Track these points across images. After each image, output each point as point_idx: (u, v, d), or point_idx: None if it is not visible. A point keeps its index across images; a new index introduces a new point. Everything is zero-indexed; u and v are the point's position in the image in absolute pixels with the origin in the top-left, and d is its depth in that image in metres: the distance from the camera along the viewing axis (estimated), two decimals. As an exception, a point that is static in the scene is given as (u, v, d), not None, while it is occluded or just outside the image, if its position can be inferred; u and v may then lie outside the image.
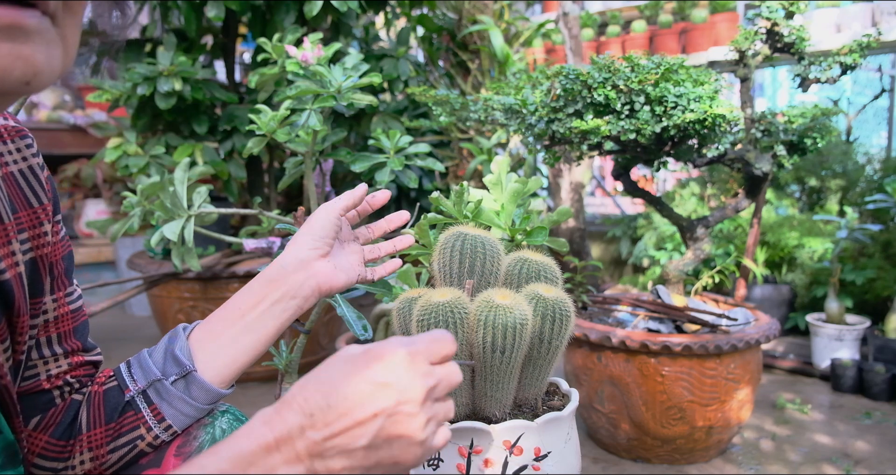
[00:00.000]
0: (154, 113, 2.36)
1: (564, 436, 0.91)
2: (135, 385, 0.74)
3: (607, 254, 3.72)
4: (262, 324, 0.77)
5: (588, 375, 1.78)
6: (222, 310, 0.78)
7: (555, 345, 0.92)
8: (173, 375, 0.74)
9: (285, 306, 0.78)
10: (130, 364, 0.77)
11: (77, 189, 3.94)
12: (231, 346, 0.76)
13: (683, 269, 1.88)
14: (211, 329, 0.77)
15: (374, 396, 0.54)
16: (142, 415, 0.74)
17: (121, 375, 0.76)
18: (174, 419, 0.74)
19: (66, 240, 0.76)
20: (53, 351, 0.73)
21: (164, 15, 2.51)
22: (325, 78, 1.79)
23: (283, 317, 0.78)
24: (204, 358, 0.75)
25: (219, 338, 0.76)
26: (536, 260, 1.00)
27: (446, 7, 3.21)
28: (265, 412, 0.55)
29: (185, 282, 2.35)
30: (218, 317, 0.78)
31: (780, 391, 2.33)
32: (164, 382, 0.74)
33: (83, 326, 0.78)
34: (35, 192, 0.70)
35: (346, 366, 0.56)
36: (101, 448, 0.73)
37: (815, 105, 1.81)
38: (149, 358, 0.76)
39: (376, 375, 0.55)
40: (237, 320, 0.77)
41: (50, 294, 0.72)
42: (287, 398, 0.55)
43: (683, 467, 1.77)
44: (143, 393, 0.74)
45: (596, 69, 1.58)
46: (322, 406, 0.54)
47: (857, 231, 2.45)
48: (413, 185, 1.95)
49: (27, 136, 0.71)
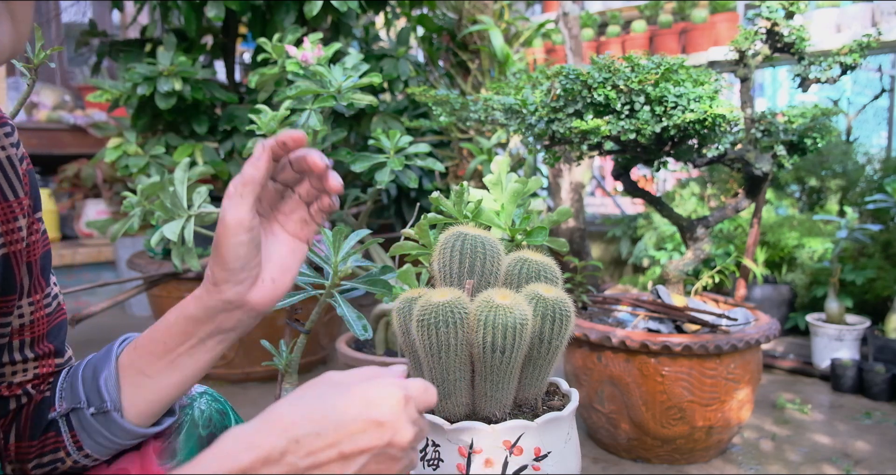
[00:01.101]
0: (154, 113, 2.36)
1: (564, 436, 0.91)
2: (60, 405, 0.70)
3: (607, 254, 3.72)
4: (194, 360, 0.69)
5: (588, 375, 1.78)
6: (149, 340, 0.70)
7: (555, 345, 0.92)
8: (94, 408, 0.69)
9: (220, 339, 0.69)
10: (69, 373, 0.73)
11: (77, 189, 3.94)
12: (158, 383, 0.69)
13: (683, 269, 1.88)
14: (138, 358, 0.70)
15: (366, 433, 0.52)
16: (62, 439, 0.70)
17: (55, 387, 0.72)
18: (93, 449, 0.70)
19: (46, 238, 0.72)
20: (24, 356, 0.71)
21: (164, 15, 2.51)
22: (325, 78, 1.79)
23: (217, 349, 0.70)
24: (130, 391, 0.69)
25: (144, 372, 0.69)
26: (536, 260, 1.00)
27: (446, 7, 3.21)
28: (240, 432, 0.52)
29: (185, 282, 2.35)
30: (146, 349, 0.70)
31: (780, 391, 2.33)
32: (85, 412, 0.69)
33: (58, 328, 0.74)
34: (11, 183, 0.65)
35: (338, 396, 0.54)
36: (25, 463, 0.70)
37: (815, 105, 1.81)
38: (80, 373, 0.71)
39: (372, 412, 0.53)
40: (163, 355, 0.69)
41: (27, 297, 0.69)
42: (269, 419, 0.52)
43: (683, 467, 1.77)
44: (65, 416, 0.70)
45: (596, 69, 1.58)
46: (310, 433, 0.51)
47: (857, 231, 2.45)
48: (413, 185, 1.95)
49: (5, 124, 0.66)
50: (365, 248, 1.35)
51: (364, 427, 0.52)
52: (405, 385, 0.56)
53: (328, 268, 1.18)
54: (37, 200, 0.70)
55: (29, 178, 0.69)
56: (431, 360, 0.88)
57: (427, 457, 0.89)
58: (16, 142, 0.67)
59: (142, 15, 4.48)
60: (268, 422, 0.52)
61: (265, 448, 0.50)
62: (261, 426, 0.52)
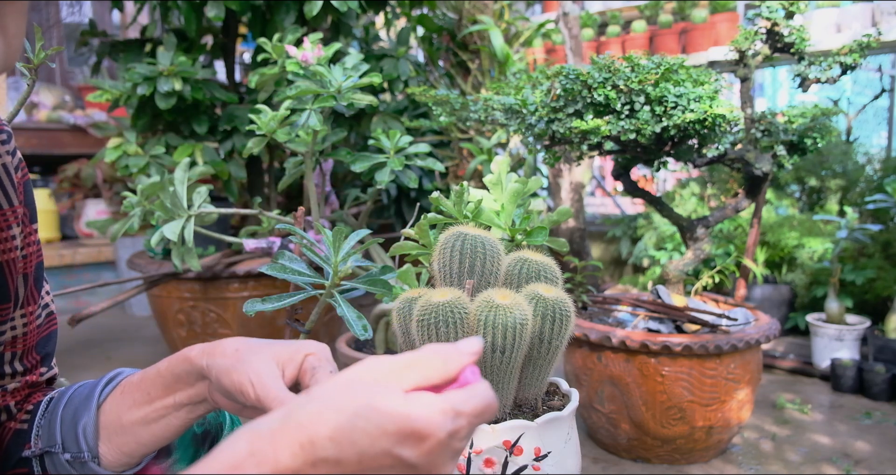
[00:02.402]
0: (154, 113, 2.36)
1: (564, 436, 0.91)
2: (36, 443, 0.69)
3: (607, 254, 3.72)
4: (165, 421, 0.68)
5: (588, 375, 1.78)
6: (134, 389, 0.69)
7: (555, 345, 0.92)
8: (69, 454, 0.68)
9: (192, 408, 0.68)
10: (47, 408, 0.71)
11: (77, 189, 3.93)
12: (130, 436, 0.68)
13: (683, 269, 1.88)
14: (120, 406, 0.69)
15: (393, 469, 0.45)
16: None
17: (33, 420, 0.70)
18: None
19: (40, 249, 0.71)
20: (14, 369, 0.70)
21: (164, 15, 2.51)
22: (325, 78, 1.79)
23: (186, 414, 0.69)
24: (107, 438, 0.69)
25: (122, 421, 0.69)
26: (536, 260, 1.00)
27: (446, 7, 3.20)
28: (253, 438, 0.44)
29: (186, 282, 2.35)
30: (129, 396, 0.69)
31: (780, 391, 2.33)
32: (60, 457, 0.68)
33: (47, 339, 0.73)
34: (6, 191, 0.65)
35: (374, 414, 0.44)
36: None
37: (815, 105, 1.81)
38: (59, 413, 0.70)
39: (405, 451, 0.44)
40: (143, 406, 0.68)
41: (20, 309, 0.68)
42: (288, 427, 0.44)
43: (683, 467, 1.77)
44: (39, 457, 0.69)
45: (596, 69, 1.58)
46: (329, 459, 0.43)
47: (857, 231, 2.45)
48: (413, 185, 1.95)
49: (2, 131, 0.65)
50: (365, 248, 1.35)
51: (393, 463, 0.44)
52: (459, 407, 0.46)
53: (328, 268, 1.18)
54: (33, 211, 0.69)
55: (25, 188, 0.68)
56: (431, 360, 0.88)
57: None
58: (12, 150, 0.66)
59: (142, 15, 4.49)
60: (285, 431, 0.44)
61: (277, 467, 0.43)
62: (277, 435, 0.44)
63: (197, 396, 0.67)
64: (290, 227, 1.25)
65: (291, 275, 1.13)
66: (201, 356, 0.65)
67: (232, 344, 0.65)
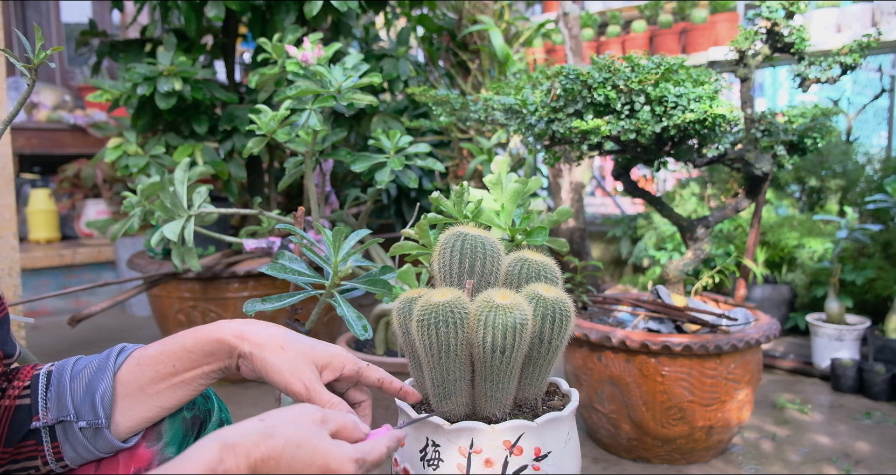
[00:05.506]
0: (154, 113, 2.36)
1: (564, 436, 0.91)
2: (45, 415, 0.71)
3: (607, 254, 3.72)
4: (191, 387, 0.75)
5: (588, 375, 1.78)
6: (155, 362, 0.74)
7: (555, 345, 0.92)
8: (84, 422, 0.71)
9: (217, 375, 0.77)
10: (49, 382, 0.73)
11: (77, 189, 3.94)
12: (153, 401, 0.74)
13: (683, 269, 1.88)
14: (140, 376, 0.73)
15: None
16: (42, 448, 0.71)
17: (36, 395, 0.72)
18: (72, 460, 0.73)
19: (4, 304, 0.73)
20: None
21: (164, 15, 2.51)
22: (325, 78, 1.79)
23: (209, 380, 0.77)
24: (123, 406, 0.73)
25: (144, 389, 0.73)
26: (536, 260, 1.00)
27: (446, 7, 3.21)
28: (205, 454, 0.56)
29: (186, 282, 2.35)
30: (151, 367, 0.74)
31: (780, 391, 2.33)
32: (74, 426, 0.71)
33: None
34: None
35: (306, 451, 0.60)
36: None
37: (815, 105, 1.81)
38: (69, 384, 0.72)
39: None
40: (168, 377, 0.74)
41: None
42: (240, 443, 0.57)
43: (683, 467, 1.77)
44: (50, 427, 0.71)
45: (596, 69, 1.58)
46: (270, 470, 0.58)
47: (857, 231, 2.45)
48: (413, 185, 1.95)
49: None
50: (365, 248, 1.35)
51: None
52: (365, 457, 0.65)
53: (328, 268, 1.18)
54: None
55: None
56: (431, 360, 0.88)
57: (427, 457, 0.89)
58: None
59: (142, 15, 4.49)
60: (240, 446, 0.58)
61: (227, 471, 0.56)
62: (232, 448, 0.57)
63: (227, 369, 0.76)
64: (290, 227, 1.25)
65: (291, 275, 1.13)
66: (238, 340, 0.74)
67: (275, 337, 0.74)
